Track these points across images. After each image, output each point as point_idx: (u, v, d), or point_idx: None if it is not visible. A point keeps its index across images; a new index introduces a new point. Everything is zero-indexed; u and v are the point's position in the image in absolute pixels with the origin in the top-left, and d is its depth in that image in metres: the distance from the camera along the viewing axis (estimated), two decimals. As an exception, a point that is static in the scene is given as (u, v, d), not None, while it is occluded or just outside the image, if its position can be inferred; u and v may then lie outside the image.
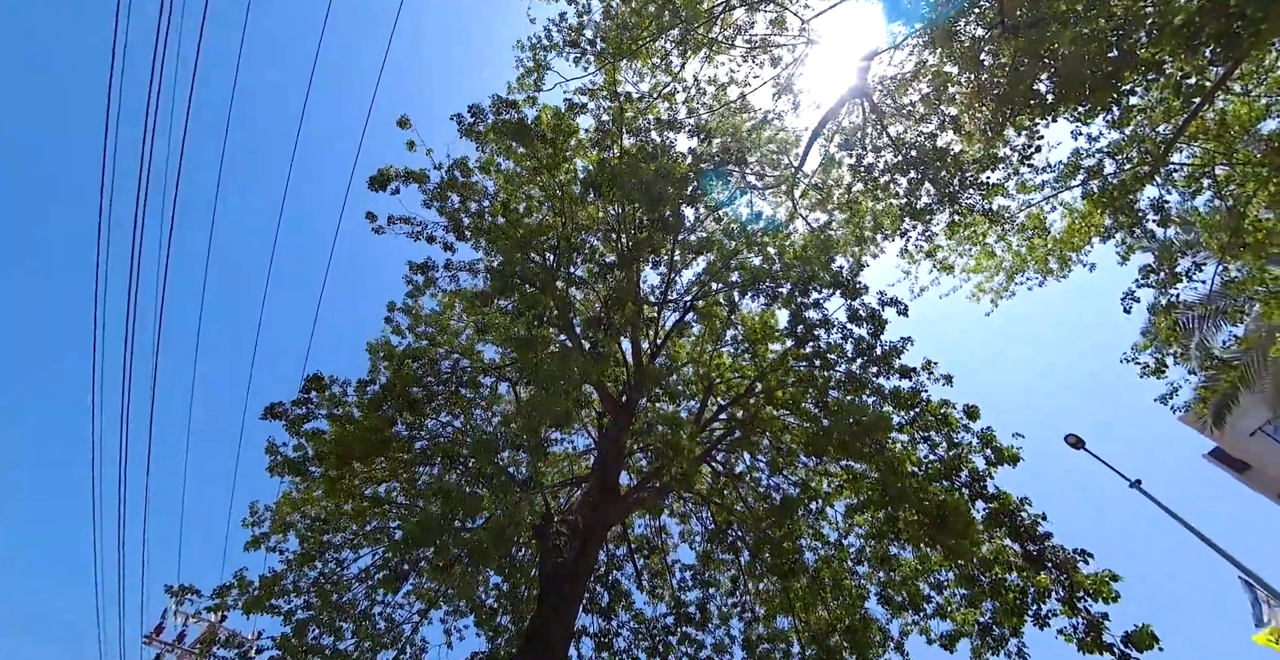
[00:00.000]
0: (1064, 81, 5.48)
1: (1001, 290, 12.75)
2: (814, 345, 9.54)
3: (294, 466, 7.36)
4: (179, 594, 7.82)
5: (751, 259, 10.59)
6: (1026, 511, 7.06)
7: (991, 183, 10.16)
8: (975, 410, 8.62)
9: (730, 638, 10.14)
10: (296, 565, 8.17)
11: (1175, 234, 9.46)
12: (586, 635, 9.40)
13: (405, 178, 7.97)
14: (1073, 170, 9.71)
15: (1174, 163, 10.32)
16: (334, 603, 8.00)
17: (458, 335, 10.90)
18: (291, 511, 8.64)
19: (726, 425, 10.59)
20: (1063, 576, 6.28)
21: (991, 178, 10.11)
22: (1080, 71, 5.17)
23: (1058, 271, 12.09)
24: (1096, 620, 5.87)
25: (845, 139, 11.92)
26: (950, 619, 8.09)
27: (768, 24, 10.19)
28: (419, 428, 8.08)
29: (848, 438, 6.69)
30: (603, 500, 8.13)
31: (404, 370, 7.78)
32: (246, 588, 7.84)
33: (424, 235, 8.47)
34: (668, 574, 11.04)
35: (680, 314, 10.96)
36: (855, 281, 9.54)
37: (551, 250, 9.54)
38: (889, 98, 10.72)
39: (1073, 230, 11.03)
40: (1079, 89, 5.38)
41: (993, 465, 7.86)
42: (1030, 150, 8.56)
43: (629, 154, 8.78)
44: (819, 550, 10.04)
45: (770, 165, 13.50)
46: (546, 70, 9.59)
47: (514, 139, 8.15)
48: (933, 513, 6.21)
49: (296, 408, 7.66)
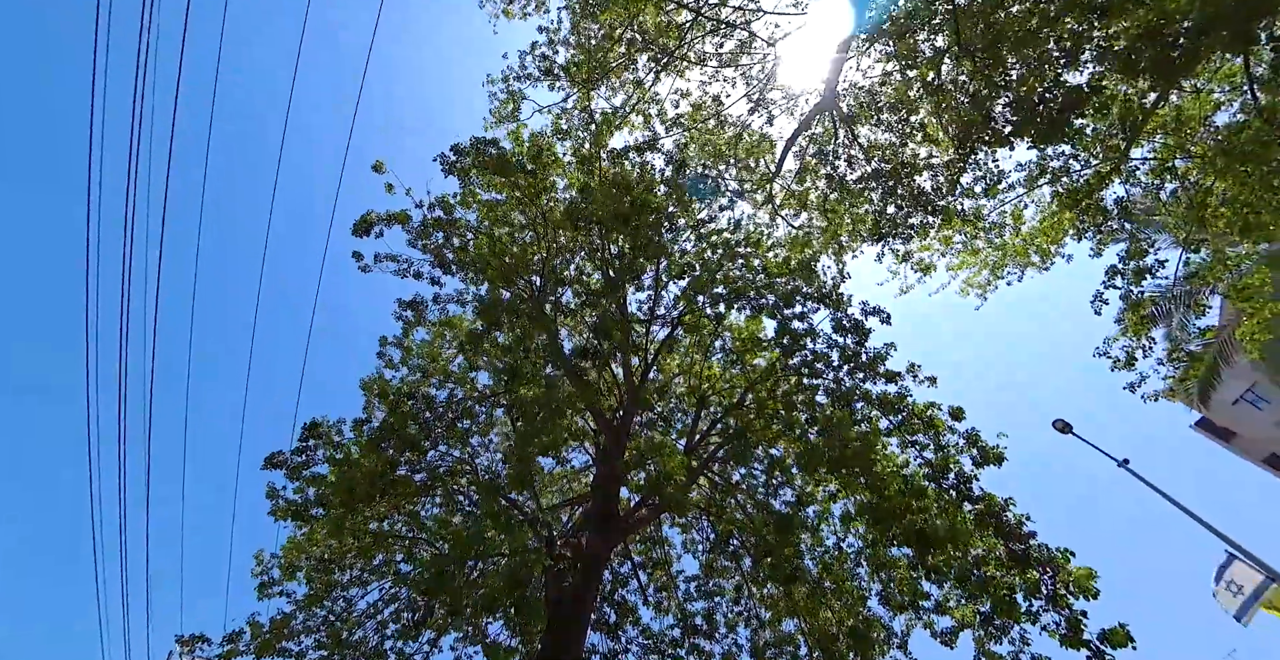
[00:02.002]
0: (1019, 112, 5.73)
1: (987, 285, 13.13)
2: (801, 355, 9.77)
3: (297, 513, 7.45)
4: (189, 643, 7.86)
5: (734, 271, 10.81)
6: (1011, 512, 7.31)
7: (960, 186, 10.46)
8: (960, 411, 8.89)
9: (738, 646, 10.33)
10: (305, 606, 8.25)
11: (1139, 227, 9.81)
12: (596, 654, 9.55)
13: (387, 220, 8.09)
14: (1039, 173, 10.02)
15: (1135, 158, 10.68)
16: (345, 641, 8.09)
17: (450, 363, 11.01)
18: (298, 555, 8.71)
19: (722, 434, 10.79)
20: (1047, 574, 6.55)
21: (961, 181, 10.42)
22: (1033, 103, 5.42)
23: (1040, 264, 12.46)
24: (1076, 617, 6.13)
25: (818, 149, 12.18)
26: (949, 615, 8.34)
27: (736, 44, 10.40)
28: (419, 463, 8.19)
29: (836, 457, 6.91)
30: (603, 523, 8.29)
31: (400, 408, 7.90)
32: (258, 632, 7.90)
33: (411, 272, 8.58)
34: (673, 586, 11.22)
35: (669, 329, 11.16)
36: (838, 293, 9.79)
37: (538, 274, 9.69)
38: (857, 108, 10.98)
39: (1045, 228, 11.39)
40: (1034, 121, 5.62)
41: (979, 465, 8.13)
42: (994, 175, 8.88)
43: (608, 182, 8.95)
44: (819, 554, 10.25)
45: (747, 172, 13.73)
46: (522, 100, 9.73)
47: (496, 174, 8.28)
48: (914, 536, 6.44)
49: (296, 456, 7.76)
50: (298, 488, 7.94)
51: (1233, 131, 8.24)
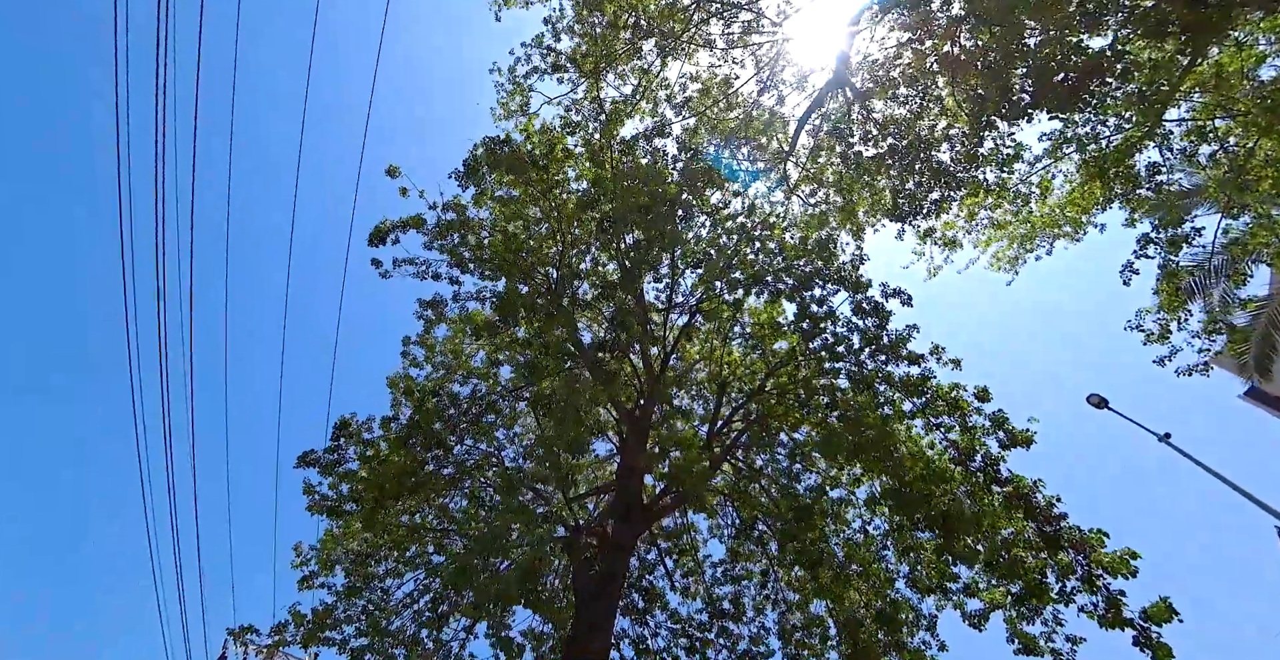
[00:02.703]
0: (1037, 84, 5.46)
1: (1017, 259, 12.71)
2: (821, 339, 9.65)
3: (332, 509, 7.75)
4: (240, 634, 8.31)
5: (751, 255, 10.68)
6: (1041, 493, 7.18)
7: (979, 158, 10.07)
8: (986, 392, 8.69)
9: (765, 629, 10.42)
10: (345, 597, 8.62)
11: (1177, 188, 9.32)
12: (626, 638, 9.76)
13: (402, 226, 8.21)
14: (1064, 141, 9.60)
15: (1170, 119, 10.12)
16: (384, 629, 8.44)
17: (472, 358, 11.19)
18: (335, 548, 9.09)
19: (744, 420, 10.78)
20: (1079, 556, 6.43)
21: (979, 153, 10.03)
22: (1052, 73, 5.16)
23: (1071, 234, 12.00)
24: (1115, 597, 6.02)
25: (832, 126, 11.85)
26: (979, 597, 8.27)
27: (742, 25, 10.14)
28: (446, 458, 8.40)
29: (856, 444, 6.85)
30: (628, 512, 8.40)
31: (425, 405, 8.09)
32: (302, 622, 8.30)
33: (429, 274, 8.72)
34: (699, 571, 11.34)
35: (688, 317, 11.12)
36: (858, 276, 9.59)
37: (554, 266, 9.73)
38: (871, 83, 10.63)
39: (1074, 198, 10.93)
40: (1052, 92, 5.36)
41: (1006, 447, 7.97)
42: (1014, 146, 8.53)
43: (621, 174, 8.89)
44: (844, 536, 10.22)
45: (760, 152, 13.46)
46: (530, 92, 9.69)
47: (509, 172, 8.31)
48: (938, 521, 6.36)
49: (328, 454, 8.05)
50: (331, 483, 8.25)
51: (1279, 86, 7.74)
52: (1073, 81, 5.19)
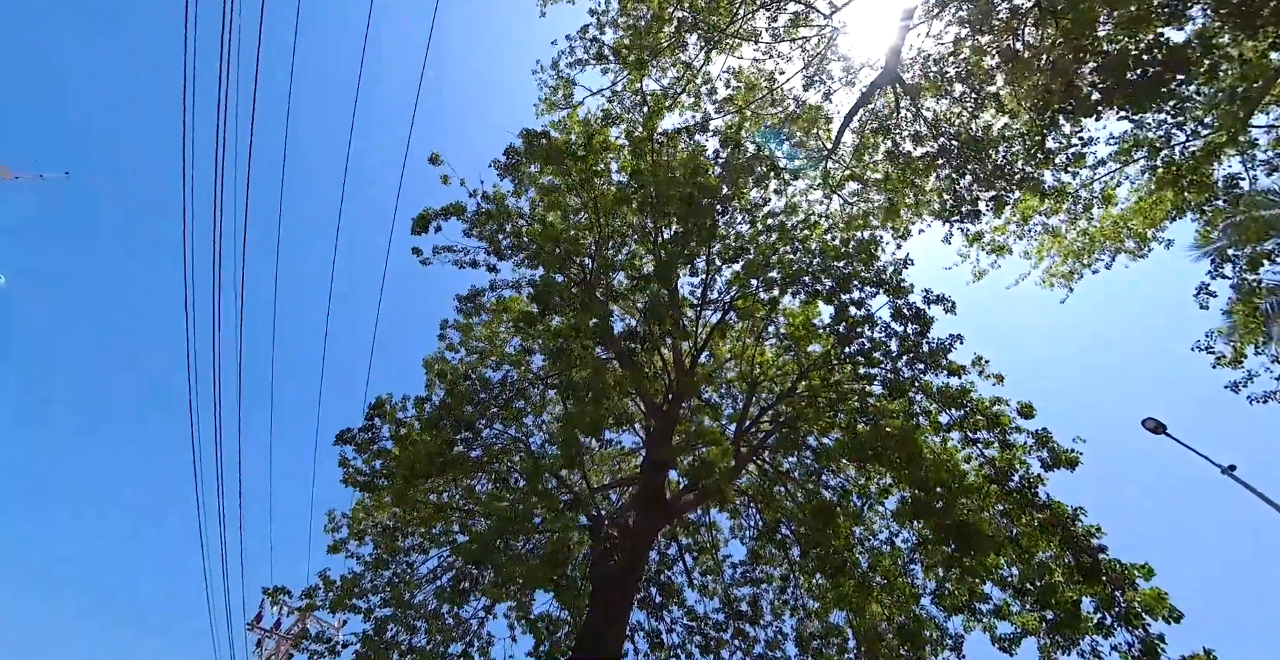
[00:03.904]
0: (1108, 80, 5.09)
1: (1072, 275, 11.99)
2: (858, 343, 9.40)
3: (366, 484, 8.07)
4: (274, 594, 8.76)
5: (789, 254, 10.47)
6: (1081, 521, 6.79)
7: (1040, 155, 9.51)
8: (1030, 408, 8.30)
9: (783, 635, 10.28)
10: (372, 568, 8.98)
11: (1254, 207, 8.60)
12: (640, 631, 9.79)
13: (444, 214, 8.43)
14: (1134, 144, 9.00)
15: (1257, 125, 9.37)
16: (407, 602, 8.74)
17: (506, 344, 11.39)
18: (365, 518, 9.46)
19: (773, 421, 10.62)
20: (1118, 590, 6.05)
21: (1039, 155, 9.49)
22: (1126, 68, 4.80)
23: (1135, 250, 11.23)
24: (1153, 641, 5.64)
25: (879, 124, 11.47)
26: (1010, 620, 7.92)
27: (789, 17, 9.92)
28: (475, 441, 8.61)
29: (881, 448, 6.64)
30: (650, 505, 8.41)
31: (458, 388, 8.30)
32: (330, 587, 8.69)
33: (468, 261, 8.93)
34: (719, 570, 11.26)
35: (721, 313, 11.01)
36: (899, 279, 9.28)
37: (590, 257, 9.79)
38: (923, 79, 10.23)
39: (1141, 208, 10.25)
40: (1124, 89, 5.00)
41: (1048, 468, 7.58)
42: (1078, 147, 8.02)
43: (660, 164, 8.86)
44: (870, 545, 9.96)
45: (802, 149, 13.17)
46: (573, 86, 9.75)
47: (549, 163, 8.41)
48: (954, 531, 6.08)
49: (364, 433, 8.38)
50: (366, 459, 8.58)
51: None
52: (1150, 78, 4.81)
